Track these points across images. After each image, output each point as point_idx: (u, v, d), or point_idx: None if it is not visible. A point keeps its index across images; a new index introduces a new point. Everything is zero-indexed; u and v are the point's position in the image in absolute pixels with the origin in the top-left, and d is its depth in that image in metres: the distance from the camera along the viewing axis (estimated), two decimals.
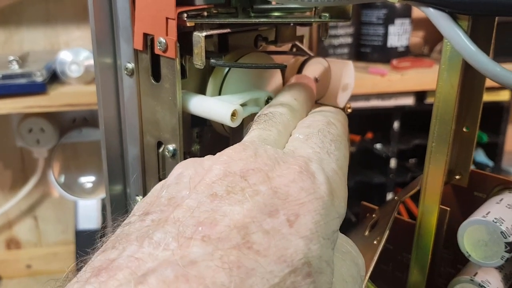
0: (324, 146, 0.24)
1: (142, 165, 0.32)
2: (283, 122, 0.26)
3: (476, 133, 0.32)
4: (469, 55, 0.24)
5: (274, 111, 0.26)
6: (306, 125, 0.26)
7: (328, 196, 0.21)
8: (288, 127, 0.26)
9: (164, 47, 0.27)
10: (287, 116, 0.26)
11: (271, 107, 0.27)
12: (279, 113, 0.26)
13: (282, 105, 0.27)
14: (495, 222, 0.27)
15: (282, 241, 0.18)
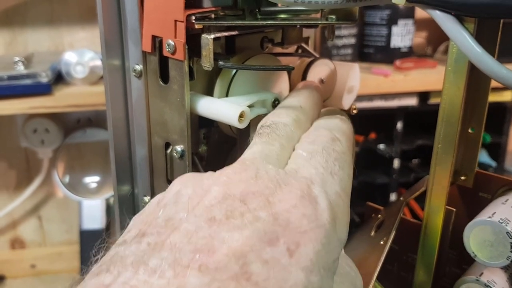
0: (328, 166, 0.23)
1: (150, 165, 0.32)
2: (286, 135, 0.25)
3: (481, 134, 0.32)
4: (475, 57, 0.24)
5: (278, 121, 0.25)
6: (311, 140, 0.25)
7: (330, 223, 0.20)
8: (292, 140, 0.25)
9: (173, 49, 0.28)
10: (291, 128, 0.25)
11: (275, 116, 0.26)
12: (283, 124, 0.25)
13: (287, 113, 0.26)
14: (501, 222, 0.27)
15: (282, 272, 0.18)
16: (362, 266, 0.29)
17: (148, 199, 0.33)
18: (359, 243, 0.34)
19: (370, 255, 0.30)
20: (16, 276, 1.00)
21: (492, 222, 0.27)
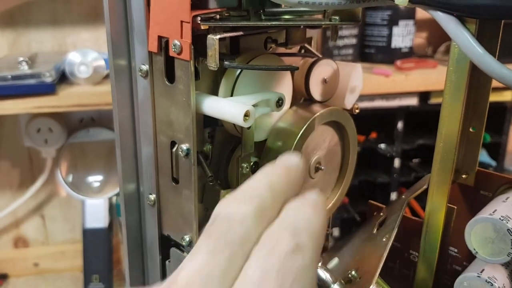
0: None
1: (155, 164, 0.33)
2: (241, 238, 0.21)
3: (482, 133, 0.32)
4: (476, 58, 0.25)
5: (235, 215, 0.21)
6: (265, 252, 0.20)
7: None
8: (249, 241, 0.21)
9: (179, 50, 0.28)
10: (249, 224, 0.21)
11: (235, 202, 0.22)
12: (239, 223, 0.21)
13: (250, 200, 0.22)
14: (502, 220, 0.27)
15: None
16: (365, 263, 0.30)
17: (153, 197, 0.34)
18: (361, 241, 0.34)
19: (372, 252, 0.30)
20: (19, 274, 1.01)
21: (493, 219, 0.28)
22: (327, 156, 0.37)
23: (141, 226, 0.36)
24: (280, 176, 0.24)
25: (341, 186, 0.39)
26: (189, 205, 0.31)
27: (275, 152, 0.33)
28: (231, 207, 0.22)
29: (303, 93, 0.36)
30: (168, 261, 0.35)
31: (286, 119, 0.34)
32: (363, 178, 0.91)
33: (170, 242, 0.35)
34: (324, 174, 0.37)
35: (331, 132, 0.37)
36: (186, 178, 0.31)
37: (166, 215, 0.34)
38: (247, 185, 0.24)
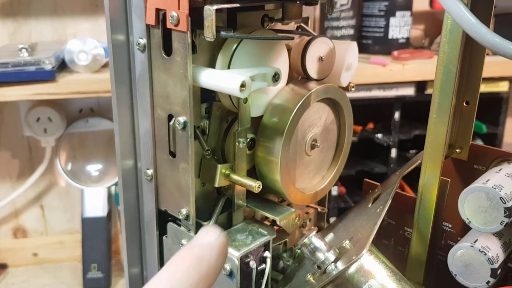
0: None
1: (153, 139, 0.33)
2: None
3: (475, 107, 0.33)
4: (469, 27, 0.25)
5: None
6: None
7: None
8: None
9: (176, 21, 0.28)
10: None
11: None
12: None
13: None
14: (495, 188, 0.28)
15: None
16: (358, 232, 0.30)
17: (151, 172, 0.34)
18: (356, 215, 0.35)
19: (366, 223, 0.31)
20: (18, 264, 1.01)
21: (486, 188, 0.28)
22: (323, 134, 0.37)
23: (138, 202, 0.36)
24: (187, 270, 0.22)
25: (337, 165, 0.40)
26: (186, 178, 0.32)
27: (271, 128, 0.34)
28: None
29: (300, 71, 0.36)
30: (165, 236, 0.35)
31: (282, 96, 0.35)
32: (360, 168, 0.92)
33: (167, 217, 0.35)
34: (320, 152, 0.38)
35: (327, 110, 0.37)
36: (183, 151, 0.31)
37: (163, 189, 0.34)
38: (151, 282, 0.22)
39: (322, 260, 0.28)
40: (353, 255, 0.27)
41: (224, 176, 0.33)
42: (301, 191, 0.36)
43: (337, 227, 0.36)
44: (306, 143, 0.36)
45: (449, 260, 0.30)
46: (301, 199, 0.36)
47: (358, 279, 0.27)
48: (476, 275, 0.29)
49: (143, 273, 0.38)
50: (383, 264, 0.28)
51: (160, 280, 0.22)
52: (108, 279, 0.97)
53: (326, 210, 0.42)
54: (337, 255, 0.28)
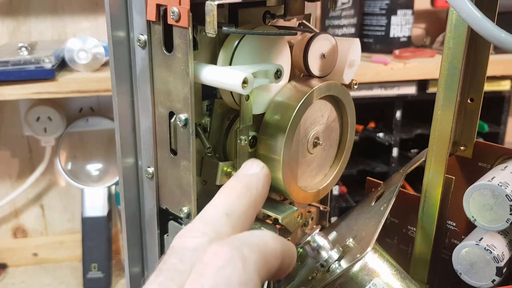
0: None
1: (154, 136, 0.33)
2: (189, 270, 0.21)
3: (480, 104, 0.32)
4: (474, 22, 0.25)
5: (188, 245, 0.22)
6: (202, 267, 0.20)
7: None
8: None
9: (177, 17, 0.28)
10: (199, 257, 0.21)
11: (190, 234, 0.23)
12: (192, 251, 0.22)
13: (204, 230, 0.23)
14: (500, 185, 0.27)
15: None
16: (362, 230, 0.30)
17: (152, 170, 0.34)
18: (359, 213, 0.34)
19: (370, 221, 0.30)
20: (18, 264, 1.01)
21: (491, 185, 0.28)
22: (326, 132, 0.37)
23: (139, 200, 0.36)
24: (239, 198, 0.24)
25: (339, 163, 0.39)
26: (187, 176, 0.31)
27: (273, 125, 0.33)
28: (186, 240, 0.22)
29: (302, 68, 0.36)
30: (167, 235, 0.35)
31: (284, 93, 0.34)
32: (362, 168, 0.91)
33: (168, 216, 0.35)
34: (322, 150, 0.37)
35: (330, 108, 0.37)
36: (184, 148, 0.31)
37: (164, 188, 0.34)
38: (203, 213, 0.24)
39: (326, 259, 0.27)
40: (357, 253, 0.27)
41: (226, 174, 0.33)
42: (303, 189, 0.36)
43: (340, 226, 0.36)
44: (309, 141, 0.35)
45: (453, 259, 0.30)
46: (303, 198, 0.36)
47: (362, 277, 0.27)
48: (481, 273, 0.29)
49: (144, 273, 0.38)
50: (387, 263, 0.27)
51: (216, 205, 0.24)
52: (108, 279, 0.96)
53: (328, 209, 0.41)
54: (341, 254, 0.28)
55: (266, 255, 0.21)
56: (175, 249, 0.22)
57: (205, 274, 0.20)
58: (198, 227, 0.23)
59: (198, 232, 0.23)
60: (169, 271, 0.21)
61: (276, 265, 0.22)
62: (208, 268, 0.20)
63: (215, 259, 0.20)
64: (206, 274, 0.20)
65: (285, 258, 0.23)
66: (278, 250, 0.22)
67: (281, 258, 0.23)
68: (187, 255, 0.21)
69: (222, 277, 0.19)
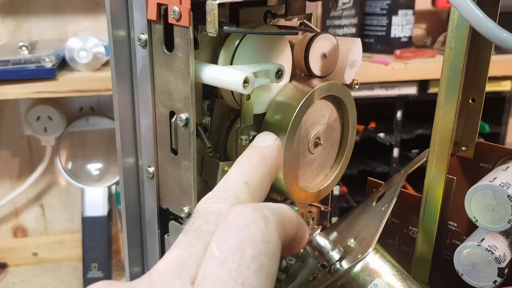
0: (240, 273, 0.20)
1: (154, 136, 0.33)
2: (213, 231, 0.22)
3: (482, 105, 0.32)
4: (476, 22, 0.25)
5: (212, 209, 0.23)
6: (227, 225, 0.22)
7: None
8: None
9: (178, 16, 0.28)
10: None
11: (213, 200, 0.24)
12: (216, 215, 0.23)
13: (226, 196, 0.24)
14: (502, 186, 0.27)
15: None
16: (363, 231, 0.30)
17: (152, 170, 0.34)
18: (360, 213, 0.34)
19: (371, 221, 0.30)
20: (18, 264, 1.01)
21: (493, 186, 0.28)
22: (327, 132, 0.37)
23: (139, 200, 0.36)
24: (256, 167, 0.26)
25: (340, 163, 0.39)
26: (188, 175, 0.31)
27: (273, 125, 0.33)
28: (208, 205, 0.24)
29: (303, 68, 0.36)
30: (167, 235, 0.35)
31: (285, 93, 0.34)
32: (362, 168, 0.91)
33: (168, 216, 0.35)
34: (323, 150, 0.37)
35: (331, 108, 0.37)
36: (185, 148, 0.31)
37: (164, 187, 0.34)
38: (223, 181, 0.26)
39: (327, 259, 0.27)
40: (358, 254, 0.27)
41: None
42: (304, 189, 0.36)
43: (341, 226, 0.36)
44: (309, 141, 0.35)
45: (455, 259, 0.30)
46: (304, 198, 0.36)
47: (364, 278, 0.26)
48: (483, 274, 0.29)
49: (144, 272, 0.38)
50: (388, 263, 0.27)
51: (235, 175, 0.26)
52: (108, 278, 0.96)
53: (329, 209, 0.41)
54: (342, 254, 0.27)
55: (284, 219, 0.23)
56: (200, 213, 0.24)
57: (231, 232, 0.21)
58: (220, 194, 0.25)
59: (219, 199, 0.24)
60: (196, 231, 0.22)
61: (292, 233, 0.24)
62: (233, 227, 0.21)
63: (239, 218, 0.21)
64: (232, 232, 0.21)
65: (299, 229, 0.25)
66: (294, 219, 0.24)
67: (296, 227, 0.24)
68: (212, 218, 0.23)
69: (246, 234, 0.21)
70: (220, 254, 0.21)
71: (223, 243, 0.21)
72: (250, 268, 0.20)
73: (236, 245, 0.21)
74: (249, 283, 0.20)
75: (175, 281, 0.21)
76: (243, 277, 0.20)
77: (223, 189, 0.25)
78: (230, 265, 0.20)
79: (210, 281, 0.20)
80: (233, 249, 0.21)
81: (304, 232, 0.26)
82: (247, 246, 0.21)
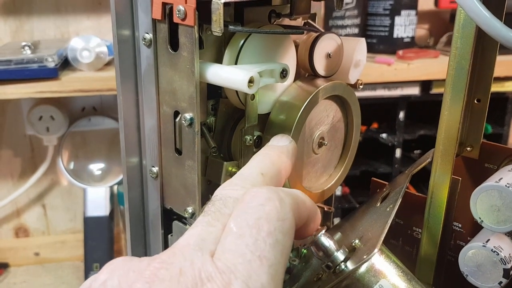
0: (257, 247, 0.22)
1: (158, 136, 0.33)
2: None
3: (487, 105, 0.32)
4: (483, 21, 0.24)
5: (230, 195, 0.25)
6: (245, 204, 0.23)
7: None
8: None
9: (183, 15, 0.28)
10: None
11: (229, 187, 0.25)
12: (234, 199, 0.24)
13: (243, 184, 0.25)
14: (508, 187, 0.27)
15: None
16: (368, 231, 0.30)
17: (156, 169, 0.33)
18: (364, 214, 0.34)
19: (376, 222, 0.30)
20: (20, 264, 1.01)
21: (499, 186, 0.27)
22: (331, 132, 0.37)
23: (143, 200, 0.36)
24: (271, 163, 0.28)
25: (344, 163, 0.39)
26: (192, 175, 0.31)
27: (278, 125, 0.33)
28: (226, 191, 0.25)
29: (307, 68, 0.36)
30: (171, 235, 0.35)
31: (289, 93, 0.34)
32: (364, 169, 0.91)
33: (172, 216, 0.34)
34: (327, 150, 0.37)
35: (335, 108, 0.37)
36: (189, 148, 0.31)
37: (168, 187, 0.33)
38: (241, 172, 0.27)
39: (332, 260, 0.27)
40: (363, 255, 0.26)
41: (230, 174, 0.33)
42: (308, 190, 0.36)
43: (345, 227, 0.36)
44: (314, 141, 0.35)
45: (460, 260, 0.30)
46: None
47: (369, 279, 0.26)
48: (488, 275, 0.29)
49: None
50: (394, 264, 0.27)
51: (252, 166, 0.27)
52: None
53: (332, 210, 0.41)
54: (347, 255, 0.27)
55: (298, 201, 0.25)
56: (219, 197, 0.25)
57: (248, 210, 0.23)
58: (237, 182, 0.26)
59: (237, 186, 0.25)
60: (215, 212, 0.24)
61: (305, 215, 0.26)
62: (250, 206, 0.23)
63: (255, 198, 0.23)
64: (249, 210, 0.23)
65: (311, 214, 0.26)
66: (308, 202, 0.26)
67: (309, 210, 0.26)
68: (230, 201, 0.24)
69: (262, 212, 0.22)
70: (238, 230, 0.22)
71: (241, 220, 0.22)
72: (266, 242, 0.22)
73: (254, 221, 0.22)
74: (265, 256, 0.22)
75: (196, 253, 0.22)
76: (260, 250, 0.21)
77: (240, 178, 0.27)
78: (247, 240, 0.22)
79: (228, 253, 0.21)
80: (250, 225, 0.22)
81: (316, 215, 0.27)
82: (263, 222, 0.22)
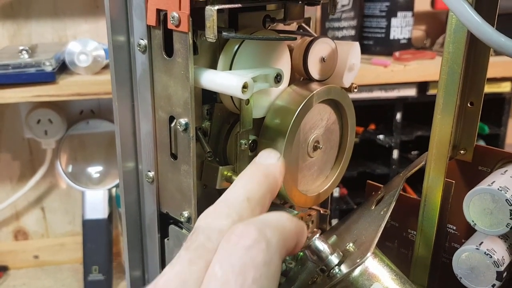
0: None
1: (154, 141, 0.33)
2: (215, 249, 0.23)
3: (480, 108, 0.32)
4: (474, 27, 0.25)
5: (214, 226, 0.23)
6: (230, 246, 0.22)
7: None
8: None
9: (177, 22, 0.28)
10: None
11: (214, 216, 0.24)
12: (218, 231, 0.23)
13: (228, 213, 0.24)
14: (500, 190, 0.27)
15: None
16: (362, 235, 0.30)
17: (152, 174, 0.34)
18: (359, 217, 0.34)
19: (370, 225, 0.30)
20: (19, 267, 1.01)
21: (491, 189, 0.28)
22: (326, 134, 0.37)
23: (139, 204, 0.36)
24: (258, 184, 0.26)
25: (339, 165, 0.39)
26: (187, 180, 0.31)
27: (273, 129, 0.33)
28: (210, 221, 0.24)
29: (302, 72, 0.36)
30: (167, 239, 0.35)
31: (284, 97, 0.34)
32: (362, 170, 0.91)
33: (168, 220, 0.35)
34: (322, 153, 0.37)
35: (329, 111, 0.37)
36: (185, 153, 0.31)
37: (164, 192, 0.34)
38: (225, 196, 0.25)
39: (326, 263, 0.27)
40: (357, 258, 0.27)
41: (226, 178, 0.33)
42: (304, 193, 0.36)
43: (340, 230, 0.36)
44: (309, 145, 0.35)
45: (454, 263, 0.30)
46: (304, 202, 0.36)
47: (363, 282, 0.27)
48: (481, 278, 0.29)
49: (144, 276, 0.38)
50: (387, 267, 0.27)
51: (237, 190, 0.26)
52: (109, 281, 0.96)
53: (328, 212, 0.41)
54: (341, 258, 0.28)
55: (285, 236, 0.23)
56: (202, 229, 0.24)
57: (234, 253, 0.21)
58: (222, 210, 0.25)
59: (222, 214, 0.24)
60: (197, 249, 0.23)
61: (292, 244, 0.24)
62: (237, 248, 0.22)
63: (242, 240, 0.22)
64: (235, 254, 0.21)
65: (299, 237, 0.25)
66: (293, 230, 0.24)
67: (296, 237, 0.25)
68: (214, 235, 0.23)
69: (249, 257, 0.21)
70: (222, 276, 0.21)
71: (226, 265, 0.21)
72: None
73: (239, 268, 0.21)
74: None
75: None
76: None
77: (225, 205, 0.25)
78: (232, 286, 0.21)
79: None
80: (235, 271, 0.21)
81: (303, 236, 0.26)
82: (249, 269, 0.21)
